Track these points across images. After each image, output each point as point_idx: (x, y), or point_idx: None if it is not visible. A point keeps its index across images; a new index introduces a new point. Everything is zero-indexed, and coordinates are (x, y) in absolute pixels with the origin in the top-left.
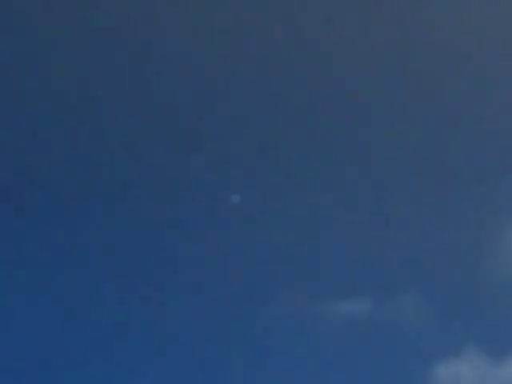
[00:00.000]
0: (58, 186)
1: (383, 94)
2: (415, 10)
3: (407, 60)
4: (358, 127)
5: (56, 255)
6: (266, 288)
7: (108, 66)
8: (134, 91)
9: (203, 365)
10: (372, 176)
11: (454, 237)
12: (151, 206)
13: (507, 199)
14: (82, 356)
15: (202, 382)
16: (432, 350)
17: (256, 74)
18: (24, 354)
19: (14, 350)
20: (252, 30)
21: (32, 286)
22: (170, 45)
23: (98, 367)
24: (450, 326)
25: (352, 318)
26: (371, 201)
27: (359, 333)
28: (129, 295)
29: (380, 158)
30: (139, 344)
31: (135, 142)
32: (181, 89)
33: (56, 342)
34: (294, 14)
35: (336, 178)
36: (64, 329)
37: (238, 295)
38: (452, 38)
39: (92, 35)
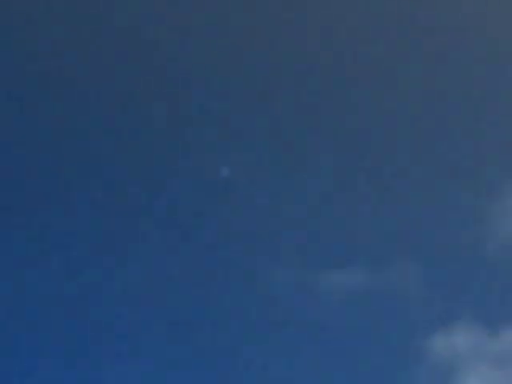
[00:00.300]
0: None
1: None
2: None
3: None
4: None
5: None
6: (263, 260)
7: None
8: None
9: (206, 336)
10: (366, 148)
11: (449, 206)
12: (140, 179)
13: (500, 170)
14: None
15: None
16: (428, 319)
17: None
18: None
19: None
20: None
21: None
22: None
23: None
24: (446, 296)
25: (349, 287)
26: (366, 172)
27: (355, 302)
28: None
29: (373, 133)
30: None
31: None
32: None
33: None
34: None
35: (331, 151)
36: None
37: (237, 267)
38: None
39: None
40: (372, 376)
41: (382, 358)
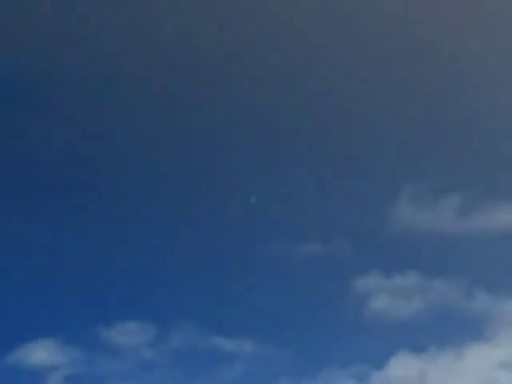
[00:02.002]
0: None
1: None
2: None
3: None
4: None
5: None
6: (248, 237)
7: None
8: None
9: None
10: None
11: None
12: None
13: (399, 172)
14: None
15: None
16: (346, 271)
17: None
18: None
19: None
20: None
21: None
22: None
23: None
24: (358, 257)
25: (310, 256)
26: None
27: (316, 270)
28: None
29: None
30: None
31: None
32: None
33: None
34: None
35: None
36: None
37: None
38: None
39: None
40: (315, 304)
41: (322, 294)
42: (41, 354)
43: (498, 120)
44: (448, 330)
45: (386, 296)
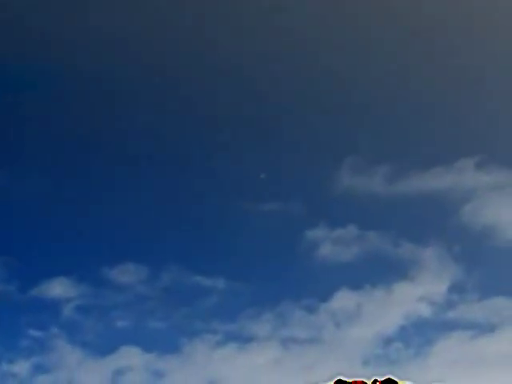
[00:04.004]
0: None
1: None
2: None
3: None
4: None
5: None
6: (222, 198)
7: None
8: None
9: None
10: None
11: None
12: None
13: None
14: None
15: None
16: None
17: None
18: None
19: None
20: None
21: None
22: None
23: None
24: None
25: (270, 212)
26: None
27: (274, 223)
28: None
29: None
30: None
31: None
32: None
33: None
34: None
35: None
36: None
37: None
38: None
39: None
40: (274, 251)
41: (279, 243)
42: (57, 289)
43: (420, 100)
44: (380, 272)
45: (331, 244)
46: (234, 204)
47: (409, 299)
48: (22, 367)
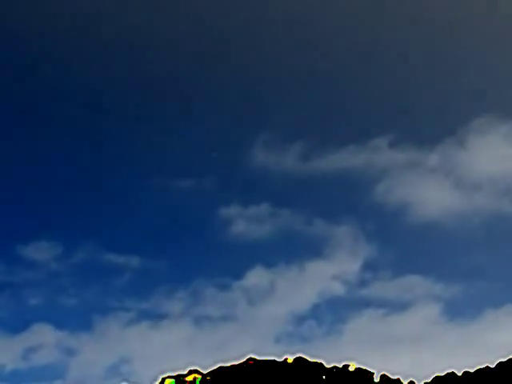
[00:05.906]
0: None
1: None
2: None
3: None
4: None
5: None
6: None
7: None
8: None
9: None
10: None
11: None
12: None
13: None
14: None
15: None
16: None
17: None
18: None
19: None
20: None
21: None
22: None
23: None
24: None
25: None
26: None
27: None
28: None
29: None
30: None
31: None
32: None
33: None
34: None
35: None
36: None
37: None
38: None
39: None
40: (187, 228)
41: (193, 220)
42: None
43: (335, 79)
44: (293, 250)
45: (244, 222)
46: (147, 180)
47: (322, 277)
48: None
